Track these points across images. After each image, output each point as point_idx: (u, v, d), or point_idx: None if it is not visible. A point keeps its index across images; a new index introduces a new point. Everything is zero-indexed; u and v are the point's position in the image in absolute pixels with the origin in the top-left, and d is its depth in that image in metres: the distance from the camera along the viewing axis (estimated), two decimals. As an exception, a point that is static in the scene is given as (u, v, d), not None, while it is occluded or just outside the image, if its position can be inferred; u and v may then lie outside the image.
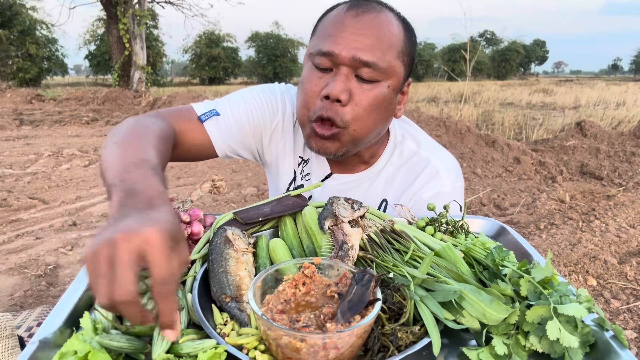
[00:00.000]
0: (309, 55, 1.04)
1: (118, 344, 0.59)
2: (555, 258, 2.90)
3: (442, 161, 1.18)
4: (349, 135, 1.01)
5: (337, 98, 0.96)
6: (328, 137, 1.01)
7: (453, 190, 1.16)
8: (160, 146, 0.88)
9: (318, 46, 0.99)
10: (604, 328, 0.64)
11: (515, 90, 19.17)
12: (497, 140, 6.37)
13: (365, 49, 0.95)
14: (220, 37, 38.16)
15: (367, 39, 0.96)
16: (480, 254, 0.77)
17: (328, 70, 0.99)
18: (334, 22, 1.00)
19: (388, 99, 1.02)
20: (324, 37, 1.00)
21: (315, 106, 1.00)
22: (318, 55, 0.99)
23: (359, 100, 0.98)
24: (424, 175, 1.16)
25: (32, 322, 1.46)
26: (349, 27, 0.97)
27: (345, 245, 0.75)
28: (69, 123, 9.96)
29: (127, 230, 0.51)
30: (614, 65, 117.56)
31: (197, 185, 4.51)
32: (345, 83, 0.96)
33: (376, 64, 0.96)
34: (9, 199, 4.37)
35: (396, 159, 1.20)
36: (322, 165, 1.22)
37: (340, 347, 0.55)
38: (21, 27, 24.63)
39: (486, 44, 57.49)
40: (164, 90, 19.92)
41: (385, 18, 0.99)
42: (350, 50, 0.95)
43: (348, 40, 0.96)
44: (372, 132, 1.05)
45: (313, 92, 1.00)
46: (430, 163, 1.16)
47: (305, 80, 1.03)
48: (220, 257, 0.76)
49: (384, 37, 0.97)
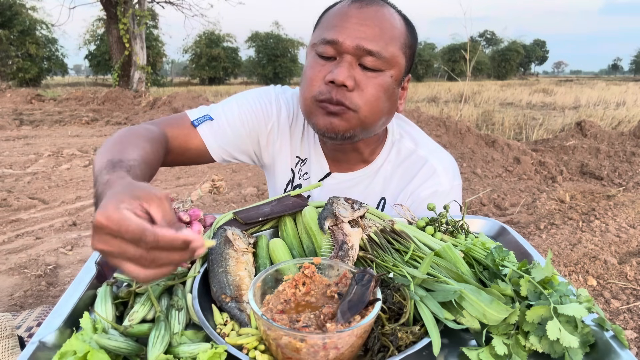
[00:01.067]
0: (312, 46, 1.05)
1: (115, 344, 0.60)
2: (555, 258, 2.90)
3: (439, 160, 1.19)
4: (359, 119, 1.01)
5: (343, 83, 0.96)
6: (337, 113, 1.00)
7: (451, 189, 1.16)
8: (146, 146, 0.92)
9: (322, 35, 1.01)
10: (604, 328, 0.64)
11: (515, 90, 19.17)
12: (497, 140, 6.37)
13: (369, 38, 0.97)
14: (220, 37, 38.15)
15: (370, 29, 0.98)
16: (480, 254, 0.77)
17: (332, 59, 1.01)
18: (338, 14, 1.02)
19: (391, 89, 1.03)
20: (328, 28, 1.01)
21: (321, 90, 1.00)
22: (322, 44, 1.00)
23: (364, 86, 0.99)
24: (422, 173, 1.16)
25: (32, 322, 1.46)
26: (353, 18, 0.99)
27: (345, 245, 0.75)
28: (69, 123, 9.97)
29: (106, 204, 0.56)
30: (614, 65, 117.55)
31: (197, 185, 4.51)
32: (349, 70, 0.98)
33: (380, 53, 0.98)
34: (9, 199, 4.37)
35: (394, 157, 1.20)
36: (321, 164, 1.22)
37: (340, 347, 0.55)
38: (21, 27, 24.63)
39: (486, 44, 57.49)
40: (164, 90, 19.93)
41: (388, 11, 1.02)
42: (354, 39, 0.97)
43: (352, 29, 0.98)
44: (379, 120, 1.06)
45: (317, 77, 1.01)
46: (428, 162, 1.17)
47: (309, 67, 1.04)
48: (220, 257, 0.76)
49: (387, 29, 1.00)
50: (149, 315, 0.69)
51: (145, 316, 0.69)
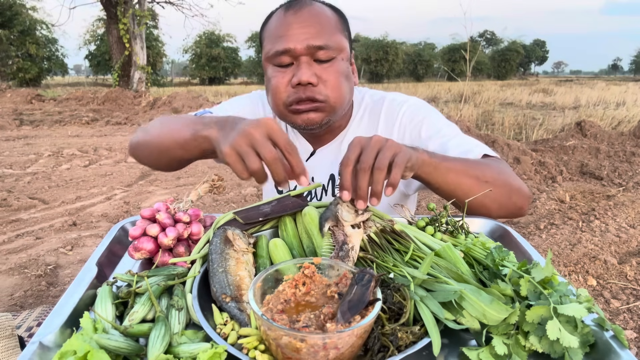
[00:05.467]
0: (267, 59, 1.15)
1: (115, 344, 0.60)
2: (555, 258, 2.90)
3: (396, 93, 1.36)
4: (330, 105, 1.13)
5: (308, 82, 1.08)
6: (311, 109, 1.12)
7: (418, 101, 1.31)
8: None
9: (274, 48, 1.11)
10: (604, 328, 0.64)
11: (515, 90, 19.17)
12: (497, 140, 6.37)
13: (315, 36, 1.09)
14: (220, 37, 38.16)
15: (312, 28, 1.10)
16: (480, 254, 0.77)
17: (289, 65, 1.12)
18: (278, 25, 1.13)
19: (346, 69, 1.17)
20: (275, 40, 1.12)
21: (289, 93, 1.11)
22: (276, 56, 1.11)
23: (326, 77, 1.11)
24: (385, 107, 1.30)
25: (32, 322, 1.46)
26: (294, 24, 1.10)
27: (345, 246, 0.75)
28: (69, 123, 9.97)
29: (251, 124, 0.77)
30: (614, 65, 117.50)
31: (197, 185, 4.51)
32: (309, 69, 1.09)
33: (328, 45, 1.10)
34: (9, 199, 4.38)
35: (362, 111, 1.33)
36: (304, 146, 1.33)
37: (340, 347, 0.55)
38: (21, 27, 24.63)
39: (486, 44, 57.45)
40: (164, 90, 19.92)
41: (318, 7, 1.15)
42: (303, 42, 1.08)
43: (297, 34, 1.09)
44: (346, 100, 1.18)
45: (282, 84, 1.12)
46: (386, 97, 1.33)
47: (272, 78, 1.14)
48: (220, 257, 0.76)
49: (325, 22, 1.12)
50: (149, 315, 0.69)
51: (145, 316, 0.69)
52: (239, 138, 0.76)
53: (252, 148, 0.75)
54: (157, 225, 0.86)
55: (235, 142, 0.76)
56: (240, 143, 0.75)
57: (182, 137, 0.94)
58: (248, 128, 0.76)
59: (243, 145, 0.75)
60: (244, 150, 0.75)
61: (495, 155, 1.15)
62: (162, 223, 0.86)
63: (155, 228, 0.85)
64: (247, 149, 0.75)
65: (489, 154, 1.15)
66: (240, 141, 0.76)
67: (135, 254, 0.85)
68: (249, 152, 0.75)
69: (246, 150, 0.75)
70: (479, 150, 1.14)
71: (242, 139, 0.75)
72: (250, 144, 0.75)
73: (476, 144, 1.18)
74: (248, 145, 0.75)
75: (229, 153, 0.76)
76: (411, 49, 46.51)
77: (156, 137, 1.04)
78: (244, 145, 0.75)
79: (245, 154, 0.75)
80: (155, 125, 1.09)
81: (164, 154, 1.03)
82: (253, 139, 0.75)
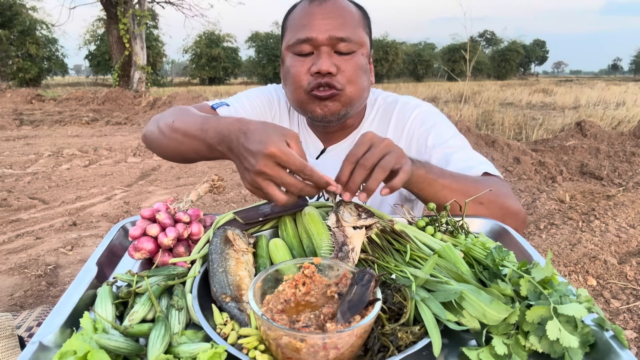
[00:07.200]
0: (287, 48, 1.16)
1: (115, 344, 0.59)
2: (555, 258, 2.90)
3: (408, 97, 1.37)
4: (347, 96, 1.14)
5: (328, 71, 1.09)
6: (329, 97, 1.13)
7: (430, 107, 1.32)
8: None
9: (296, 36, 1.13)
10: (604, 328, 0.64)
11: (515, 90, 19.17)
12: (497, 140, 6.37)
13: (337, 28, 1.11)
14: (220, 37, 38.17)
15: (336, 20, 1.11)
16: (480, 254, 0.77)
17: (309, 54, 1.13)
18: (302, 15, 1.14)
19: (365, 65, 1.18)
20: (298, 29, 1.13)
21: (309, 80, 1.13)
22: (298, 44, 1.12)
23: (345, 68, 1.12)
24: (397, 111, 1.31)
25: (32, 322, 1.46)
26: (318, 14, 1.11)
27: (345, 247, 0.75)
28: (69, 123, 9.97)
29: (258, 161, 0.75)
30: (614, 65, 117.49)
31: (197, 185, 4.53)
32: (329, 59, 1.10)
33: (350, 38, 1.12)
34: (9, 199, 4.38)
35: (375, 111, 1.36)
36: (315, 143, 1.35)
37: (340, 347, 0.55)
38: (21, 27, 24.64)
39: (486, 44, 57.46)
40: (164, 90, 19.93)
41: (343, 1, 1.17)
42: (325, 32, 1.10)
43: (321, 24, 1.10)
44: (363, 94, 1.19)
45: (302, 72, 1.13)
46: (399, 100, 1.34)
47: (291, 66, 1.15)
48: (220, 257, 0.76)
49: (348, 16, 1.14)
50: (149, 315, 0.69)
51: (145, 316, 0.69)
52: (255, 178, 0.77)
53: (273, 183, 0.77)
54: (157, 225, 0.86)
55: (254, 182, 0.77)
56: (259, 184, 0.77)
57: (198, 147, 0.96)
58: (258, 167, 0.75)
59: (263, 185, 0.77)
60: (265, 190, 0.77)
61: (498, 174, 1.14)
62: (162, 223, 0.86)
63: (155, 228, 0.85)
64: (267, 187, 0.76)
65: (490, 172, 1.13)
66: (259, 181, 0.77)
67: (135, 254, 0.85)
68: (271, 188, 0.77)
69: (267, 190, 0.77)
70: (481, 168, 1.13)
71: (258, 178, 0.76)
72: (268, 181, 0.76)
73: (480, 160, 1.17)
74: (267, 183, 0.76)
75: (253, 191, 0.79)
76: (411, 49, 46.55)
77: (173, 140, 1.05)
78: (264, 185, 0.77)
79: (270, 194, 0.77)
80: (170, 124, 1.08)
81: (179, 156, 1.09)
82: (269, 177, 0.76)
